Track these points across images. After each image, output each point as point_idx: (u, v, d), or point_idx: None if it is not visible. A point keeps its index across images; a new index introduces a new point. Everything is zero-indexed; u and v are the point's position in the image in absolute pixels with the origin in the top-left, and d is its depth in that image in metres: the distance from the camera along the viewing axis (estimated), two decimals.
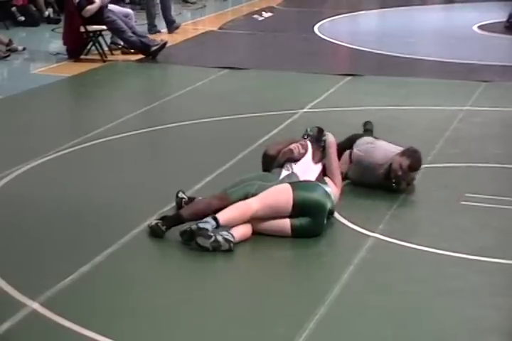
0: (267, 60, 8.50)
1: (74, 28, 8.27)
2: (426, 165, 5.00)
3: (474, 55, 8.33)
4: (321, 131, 4.43)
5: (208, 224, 3.78)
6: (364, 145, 4.67)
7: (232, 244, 3.76)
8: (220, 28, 10.33)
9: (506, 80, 7.30)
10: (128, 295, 3.48)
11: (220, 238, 3.75)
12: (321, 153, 4.33)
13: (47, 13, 10.65)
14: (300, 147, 4.24)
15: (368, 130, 5.19)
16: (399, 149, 4.64)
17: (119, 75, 8.08)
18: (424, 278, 3.61)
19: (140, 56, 8.47)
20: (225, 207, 3.97)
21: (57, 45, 8.87)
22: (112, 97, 7.20)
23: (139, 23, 9.51)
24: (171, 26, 9.84)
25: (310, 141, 4.36)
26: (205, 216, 3.93)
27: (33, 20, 10.35)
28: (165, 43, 8.51)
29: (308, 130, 4.45)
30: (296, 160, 4.22)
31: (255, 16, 11.31)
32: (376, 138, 4.92)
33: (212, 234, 3.75)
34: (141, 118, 6.23)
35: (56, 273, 3.61)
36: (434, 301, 3.41)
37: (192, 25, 10.69)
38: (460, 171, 4.98)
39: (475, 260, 3.75)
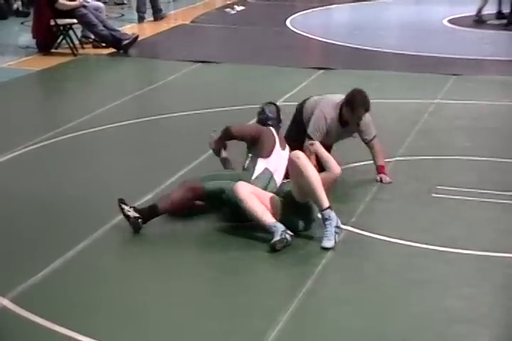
0: (239, 53, 8.49)
1: (44, 22, 8.17)
2: (397, 158, 5.06)
3: (444, 48, 8.42)
4: (278, 110, 4.28)
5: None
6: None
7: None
8: (192, 22, 10.29)
9: (475, 74, 7.39)
10: (100, 290, 3.46)
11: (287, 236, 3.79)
12: (282, 137, 4.22)
13: (15, 5, 10.50)
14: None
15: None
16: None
17: (91, 69, 8.01)
18: (396, 270, 3.65)
19: (111, 50, 8.40)
20: (200, 197, 3.97)
21: (26, 38, 8.76)
22: (84, 91, 7.14)
23: (110, 16, 9.43)
24: (158, 14, 10.15)
25: (273, 126, 4.24)
26: (181, 208, 3.93)
27: (2, 13, 10.19)
28: (136, 37, 8.46)
29: (267, 111, 4.25)
30: (267, 155, 4.11)
31: (227, 10, 11.28)
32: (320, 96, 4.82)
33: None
34: (113, 112, 6.19)
35: (27, 269, 3.58)
36: (405, 292, 3.45)
37: (164, 18, 10.62)
38: (431, 163, 5.04)
39: (445, 251, 3.81)
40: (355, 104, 4.50)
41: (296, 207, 3.93)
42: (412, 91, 6.71)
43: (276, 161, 4.15)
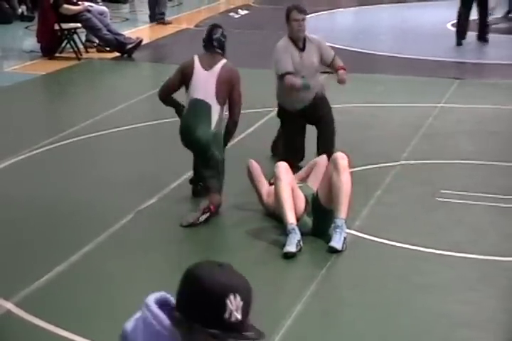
0: (243, 57, 8.49)
1: (48, 26, 8.20)
2: (401, 162, 5.05)
3: (448, 52, 8.42)
4: (211, 30, 4.30)
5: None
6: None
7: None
8: (196, 26, 10.31)
9: (479, 78, 7.39)
10: (104, 294, 3.46)
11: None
12: (217, 55, 4.24)
13: (20, 10, 10.53)
14: None
15: None
16: None
17: (95, 73, 8.03)
18: (400, 274, 3.65)
19: (116, 54, 8.42)
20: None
21: (31, 42, 8.78)
22: (88, 95, 7.15)
23: (113, 20, 9.46)
24: (161, 17, 10.19)
25: (204, 47, 4.28)
26: None
27: (6, 18, 10.22)
28: (140, 41, 8.48)
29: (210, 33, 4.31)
30: (188, 85, 4.12)
31: (231, 14, 11.30)
32: None
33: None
34: (117, 116, 6.20)
35: (31, 273, 3.58)
36: (409, 296, 3.45)
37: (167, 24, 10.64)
38: (435, 168, 5.03)
39: (449, 255, 3.80)
40: (287, 12, 4.87)
41: (318, 211, 3.94)
42: (416, 96, 6.71)
43: (197, 83, 4.16)
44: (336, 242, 3.76)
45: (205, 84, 4.14)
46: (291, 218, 3.81)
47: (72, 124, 5.91)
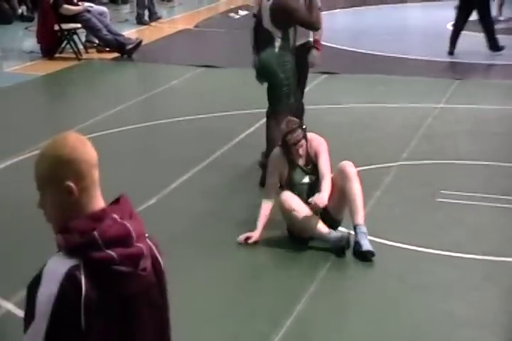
0: (242, 58, 8.47)
1: (48, 26, 8.20)
2: (401, 163, 5.05)
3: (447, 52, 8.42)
4: None
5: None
6: None
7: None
8: (195, 26, 10.32)
9: (479, 78, 7.39)
10: None
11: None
12: None
13: (20, 10, 10.54)
14: None
15: None
16: None
17: (95, 74, 8.03)
18: (400, 274, 3.65)
19: (115, 54, 8.43)
20: None
21: (30, 43, 8.79)
22: (88, 96, 7.16)
23: (113, 21, 9.46)
24: (153, 17, 10.28)
25: None
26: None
27: (6, 18, 10.22)
28: (140, 42, 8.48)
29: None
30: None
31: (231, 14, 11.30)
32: None
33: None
34: (116, 117, 6.20)
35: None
36: (409, 296, 3.45)
37: (168, 23, 10.65)
38: (435, 168, 5.03)
39: (449, 256, 3.80)
40: None
41: (327, 222, 3.90)
42: (416, 96, 6.71)
43: (264, 13, 4.74)
44: (370, 246, 3.72)
45: (266, 13, 4.59)
46: (323, 227, 3.78)
47: (72, 125, 5.91)
